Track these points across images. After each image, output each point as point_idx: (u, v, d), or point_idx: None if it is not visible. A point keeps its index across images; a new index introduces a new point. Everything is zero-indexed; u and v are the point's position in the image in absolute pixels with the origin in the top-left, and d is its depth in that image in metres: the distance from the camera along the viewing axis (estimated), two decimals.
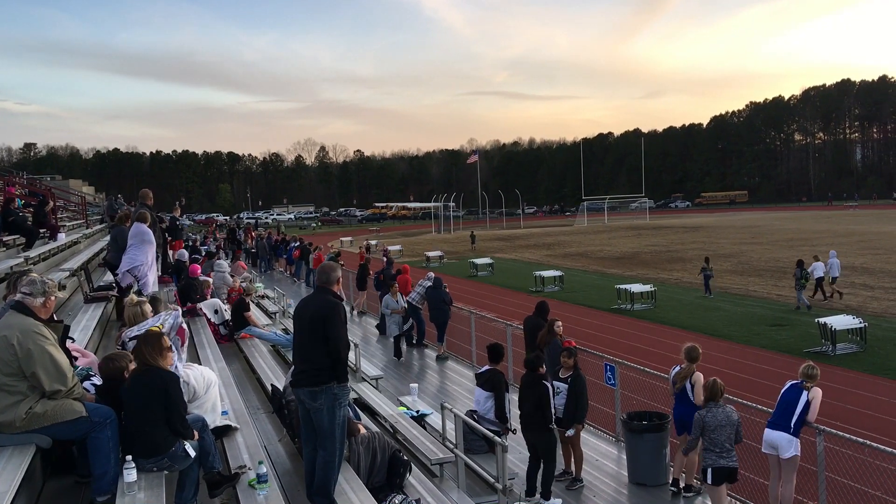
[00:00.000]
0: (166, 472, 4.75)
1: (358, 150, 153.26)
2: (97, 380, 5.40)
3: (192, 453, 4.78)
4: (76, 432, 4.54)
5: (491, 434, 7.33)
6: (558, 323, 10.45)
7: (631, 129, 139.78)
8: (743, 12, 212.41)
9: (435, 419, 8.86)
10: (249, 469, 5.25)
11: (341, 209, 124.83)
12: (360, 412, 7.61)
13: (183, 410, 4.86)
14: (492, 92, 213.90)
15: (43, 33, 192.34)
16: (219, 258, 20.88)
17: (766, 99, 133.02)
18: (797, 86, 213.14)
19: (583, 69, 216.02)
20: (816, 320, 17.96)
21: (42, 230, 14.26)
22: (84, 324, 8.30)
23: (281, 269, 33.58)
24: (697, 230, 61.85)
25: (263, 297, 18.17)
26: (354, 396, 8.58)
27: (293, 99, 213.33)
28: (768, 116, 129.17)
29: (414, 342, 16.27)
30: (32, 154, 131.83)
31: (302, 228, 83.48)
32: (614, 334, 19.96)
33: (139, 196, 12.35)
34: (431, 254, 43.54)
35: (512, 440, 8.25)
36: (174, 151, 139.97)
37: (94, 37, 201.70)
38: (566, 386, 8.34)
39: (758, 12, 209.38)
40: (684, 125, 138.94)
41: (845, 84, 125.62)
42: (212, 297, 12.73)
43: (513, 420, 8.42)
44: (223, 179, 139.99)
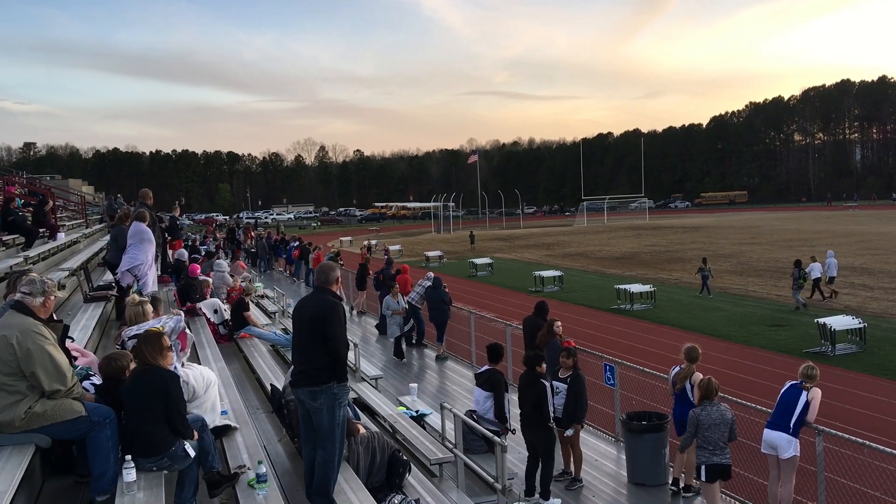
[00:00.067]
0: (166, 472, 4.75)
1: (357, 150, 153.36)
2: (96, 379, 5.40)
3: (192, 453, 4.79)
4: (75, 432, 4.55)
5: (490, 434, 7.33)
6: (557, 323, 10.45)
7: (631, 130, 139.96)
8: (743, 12, 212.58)
9: (434, 419, 8.87)
10: (249, 469, 5.25)
11: (341, 209, 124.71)
12: (360, 412, 7.61)
13: (183, 410, 4.87)
14: (491, 92, 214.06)
15: (42, 33, 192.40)
16: (218, 258, 20.89)
17: (766, 99, 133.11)
18: (797, 86, 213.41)
19: (582, 69, 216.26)
20: (816, 321, 17.96)
21: (41, 230, 14.27)
22: (83, 323, 8.31)
23: (280, 269, 33.58)
24: (697, 230, 61.86)
25: (263, 297, 18.17)
26: (354, 396, 8.58)
27: (293, 98, 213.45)
28: (768, 117, 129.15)
29: (413, 342, 16.27)
30: (32, 153, 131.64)
31: (302, 228, 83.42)
32: (614, 334, 19.97)
33: (139, 196, 12.36)
34: (431, 254, 43.54)
35: (511, 440, 8.25)
36: (174, 151, 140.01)
37: (94, 36, 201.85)
38: (565, 386, 8.35)
39: (757, 12, 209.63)
40: (684, 125, 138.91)
41: (845, 84, 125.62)
42: (211, 297, 12.72)
43: (512, 420, 8.43)
44: (223, 179, 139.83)
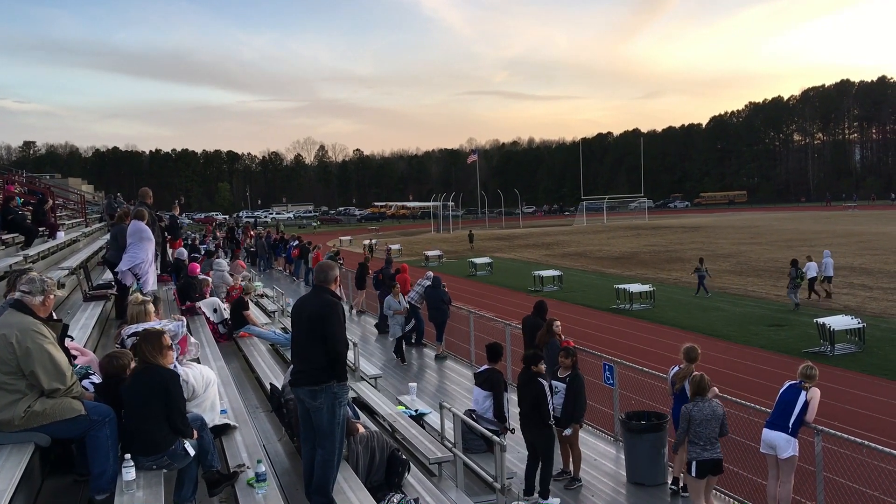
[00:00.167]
0: (165, 471, 4.75)
1: (357, 150, 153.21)
2: (96, 378, 5.40)
3: (192, 452, 4.79)
4: (75, 431, 4.55)
5: (489, 433, 7.33)
6: (557, 323, 10.45)
7: (630, 129, 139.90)
8: (742, 12, 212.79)
9: (433, 418, 8.87)
10: (248, 468, 5.25)
11: (340, 208, 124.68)
12: (359, 411, 7.62)
13: (183, 408, 4.87)
14: (491, 91, 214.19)
15: (42, 32, 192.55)
16: (218, 257, 20.90)
17: (766, 99, 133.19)
18: (796, 86, 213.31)
19: (582, 69, 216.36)
20: (815, 321, 17.98)
21: (41, 228, 14.27)
22: (83, 322, 8.31)
23: (280, 268, 33.57)
24: (696, 230, 61.88)
25: (262, 296, 18.16)
26: (353, 395, 8.58)
27: (292, 98, 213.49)
28: (767, 117, 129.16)
29: (413, 341, 16.27)
30: (31, 152, 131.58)
31: (301, 227, 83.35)
32: (613, 334, 19.98)
33: (139, 195, 12.35)
34: (430, 253, 43.56)
35: (510, 439, 8.26)
36: (173, 150, 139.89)
37: (93, 35, 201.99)
38: (564, 385, 8.35)
39: (757, 12, 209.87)
40: (683, 125, 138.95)
41: (844, 84, 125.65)
42: (211, 296, 12.72)
43: (511, 419, 8.43)
44: (222, 178, 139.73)
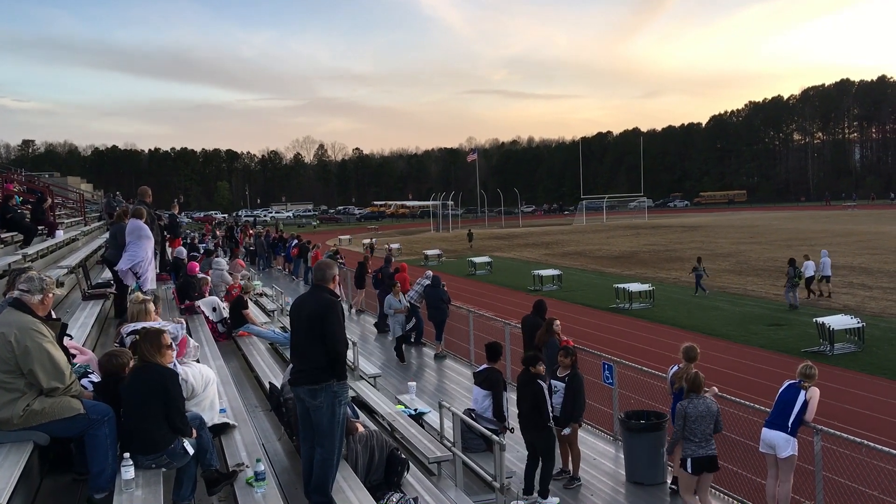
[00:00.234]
0: (164, 470, 4.75)
1: (357, 149, 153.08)
2: (95, 377, 5.40)
3: (191, 451, 4.79)
4: (74, 429, 4.55)
5: (489, 433, 7.33)
6: (557, 322, 10.44)
7: (630, 129, 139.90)
8: (742, 12, 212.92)
9: (433, 418, 8.87)
10: (247, 467, 5.24)
11: (340, 207, 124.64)
12: (358, 410, 7.61)
13: (182, 407, 4.87)
14: (491, 90, 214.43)
15: (41, 30, 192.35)
16: (217, 256, 20.88)
17: (766, 98, 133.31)
18: (796, 85, 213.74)
19: (582, 68, 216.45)
20: (814, 320, 17.98)
21: (40, 227, 14.26)
22: (82, 321, 8.31)
23: (279, 267, 33.55)
24: (696, 229, 61.89)
25: (261, 295, 18.14)
26: (352, 395, 8.57)
27: (292, 97, 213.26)
28: (767, 116, 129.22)
29: (412, 340, 16.26)
30: (30, 151, 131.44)
31: (301, 226, 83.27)
32: (612, 333, 19.98)
33: (138, 193, 12.35)
34: (430, 252, 43.54)
35: (509, 438, 8.26)
36: (172, 149, 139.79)
37: (92, 34, 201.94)
38: (563, 385, 8.35)
39: (757, 12, 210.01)
40: (683, 124, 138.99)
41: (844, 84, 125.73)
42: (210, 295, 12.72)
43: (511, 419, 8.43)
44: (222, 177, 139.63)
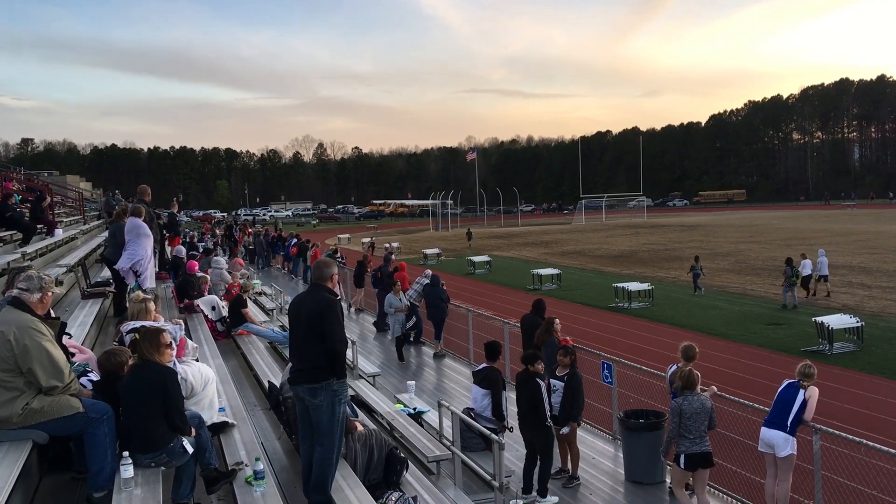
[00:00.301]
0: (163, 468, 4.75)
1: (356, 147, 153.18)
2: (94, 376, 5.40)
3: (190, 449, 4.79)
4: (73, 428, 4.55)
5: (488, 431, 7.33)
6: (557, 321, 10.42)
7: (629, 128, 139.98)
8: (741, 11, 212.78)
9: (432, 416, 8.86)
10: (246, 465, 5.24)
11: (339, 206, 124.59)
12: (358, 409, 7.61)
13: (181, 406, 4.87)
14: (490, 90, 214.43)
15: (40, 29, 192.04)
16: (216, 255, 20.86)
17: (765, 98, 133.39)
18: (796, 85, 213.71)
19: (581, 67, 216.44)
20: (813, 319, 17.99)
21: (39, 226, 14.25)
22: (81, 320, 8.30)
23: (278, 266, 33.53)
24: (695, 229, 61.90)
25: (261, 294, 18.13)
26: (352, 394, 8.57)
27: (291, 96, 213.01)
28: (767, 115, 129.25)
29: (412, 340, 16.25)
30: (30, 149, 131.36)
31: (300, 225, 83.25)
32: (611, 332, 19.99)
33: (137, 192, 12.36)
34: (429, 251, 43.56)
35: (509, 437, 8.26)
36: (172, 148, 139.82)
37: (92, 32, 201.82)
38: (562, 384, 8.35)
39: (756, 11, 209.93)
40: (682, 124, 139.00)
41: (844, 83, 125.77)
42: (209, 294, 12.72)
43: (510, 418, 8.43)
44: (221, 176, 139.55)
